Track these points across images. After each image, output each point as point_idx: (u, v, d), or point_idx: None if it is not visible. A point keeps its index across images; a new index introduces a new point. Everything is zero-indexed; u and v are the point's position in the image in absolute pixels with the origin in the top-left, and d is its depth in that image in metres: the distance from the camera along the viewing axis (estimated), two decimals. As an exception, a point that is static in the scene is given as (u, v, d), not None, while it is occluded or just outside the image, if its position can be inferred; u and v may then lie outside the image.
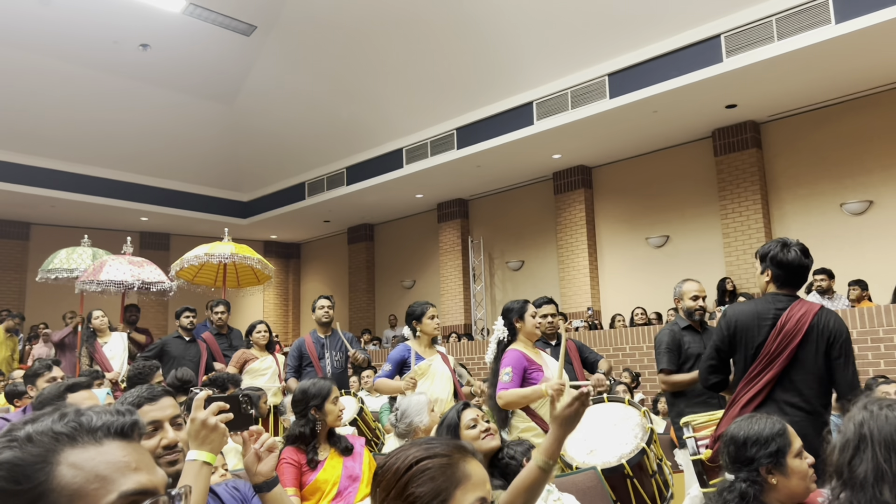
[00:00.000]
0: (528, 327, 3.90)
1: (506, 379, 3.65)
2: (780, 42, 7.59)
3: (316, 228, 15.89)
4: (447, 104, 10.73)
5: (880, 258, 8.71)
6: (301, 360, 5.74)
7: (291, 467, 3.08)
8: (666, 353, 4.13)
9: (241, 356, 6.13)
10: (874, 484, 1.34)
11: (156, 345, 6.61)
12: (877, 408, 1.43)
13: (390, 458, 1.25)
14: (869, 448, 1.37)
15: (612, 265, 11.55)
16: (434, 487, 1.16)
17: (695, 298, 4.26)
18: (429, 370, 4.39)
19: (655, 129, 10.03)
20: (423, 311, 4.49)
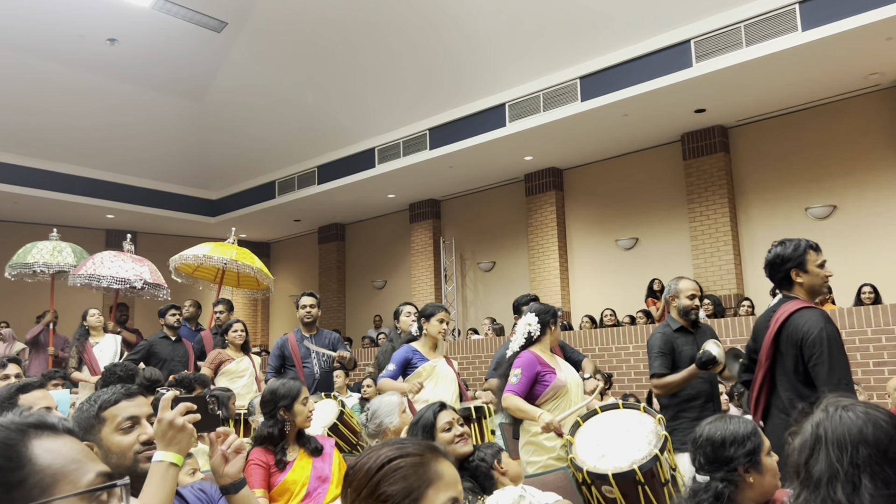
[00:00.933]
0: (557, 333, 3.90)
1: (513, 381, 3.62)
2: (749, 48, 7.71)
3: (286, 228, 15.76)
4: (420, 104, 10.72)
5: (843, 262, 8.89)
6: (284, 360, 5.51)
7: (259, 468, 3.04)
8: (658, 357, 4.01)
9: (216, 357, 5.85)
10: (827, 483, 1.36)
11: (142, 346, 6.37)
12: (833, 408, 1.45)
13: (361, 458, 1.23)
14: (823, 448, 1.40)
15: (582, 267, 11.64)
16: (406, 486, 1.15)
17: (692, 297, 4.12)
18: (433, 372, 4.33)
19: (626, 133, 10.13)
20: (433, 312, 4.43)
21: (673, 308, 4.18)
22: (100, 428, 1.77)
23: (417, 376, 4.25)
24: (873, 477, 1.33)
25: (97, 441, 1.75)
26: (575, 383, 3.79)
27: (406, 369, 4.31)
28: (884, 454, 1.34)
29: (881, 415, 1.41)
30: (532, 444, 3.62)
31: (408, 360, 4.34)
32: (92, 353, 6.43)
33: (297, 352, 5.48)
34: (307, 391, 3.30)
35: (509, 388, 3.61)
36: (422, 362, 4.33)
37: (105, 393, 1.85)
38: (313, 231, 15.95)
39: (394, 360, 4.35)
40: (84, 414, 1.79)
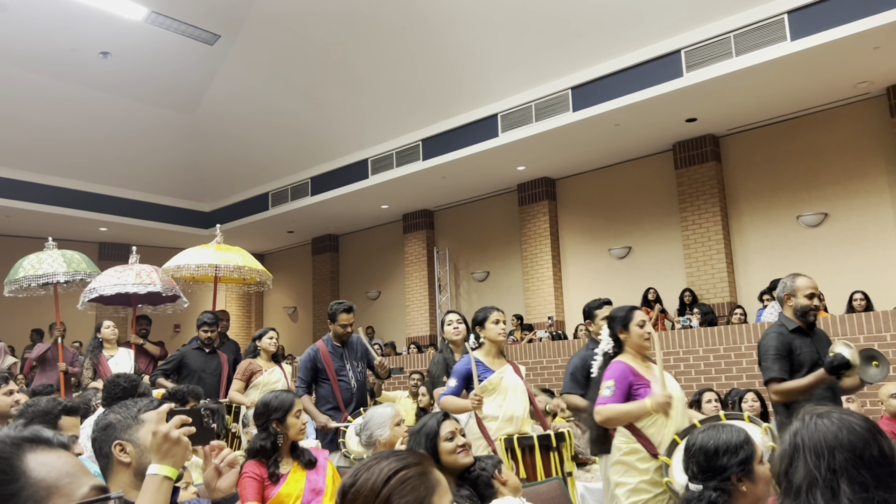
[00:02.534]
0: (634, 338, 3.42)
1: (606, 393, 3.22)
2: (739, 58, 7.77)
3: (279, 239, 15.74)
4: (413, 115, 10.75)
5: (835, 269, 8.94)
6: (316, 372, 5.04)
7: (253, 481, 3.03)
8: (777, 360, 3.65)
9: (246, 368, 5.58)
10: (807, 491, 1.38)
11: (173, 357, 6.18)
12: (809, 416, 1.47)
13: (359, 474, 1.22)
14: (801, 456, 1.42)
15: (575, 276, 11.65)
16: (416, 497, 1.15)
17: (810, 296, 3.74)
18: (500, 384, 3.86)
19: (618, 142, 10.18)
20: (486, 315, 4.00)
21: (787, 308, 3.82)
22: (137, 428, 1.78)
23: (482, 392, 3.81)
24: (851, 481, 1.34)
25: (133, 440, 1.77)
26: (678, 398, 3.29)
27: (470, 383, 3.88)
28: (860, 458, 1.35)
29: (855, 420, 1.42)
30: (622, 465, 3.25)
31: (468, 373, 3.89)
32: (107, 365, 6.17)
33: (331, 364, 5.03)
34: (300, 404, 3.28)
35: (602, 400, 3.21)
36: (486, 373, 3.88)
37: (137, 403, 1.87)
38: (307, 242, 15.94)
39: (454, 373, 3.91)
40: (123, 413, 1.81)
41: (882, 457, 1.36)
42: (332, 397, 4.97)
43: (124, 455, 1.74)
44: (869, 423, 1.42)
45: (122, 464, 1.75)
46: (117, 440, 1.76)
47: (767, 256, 9.69)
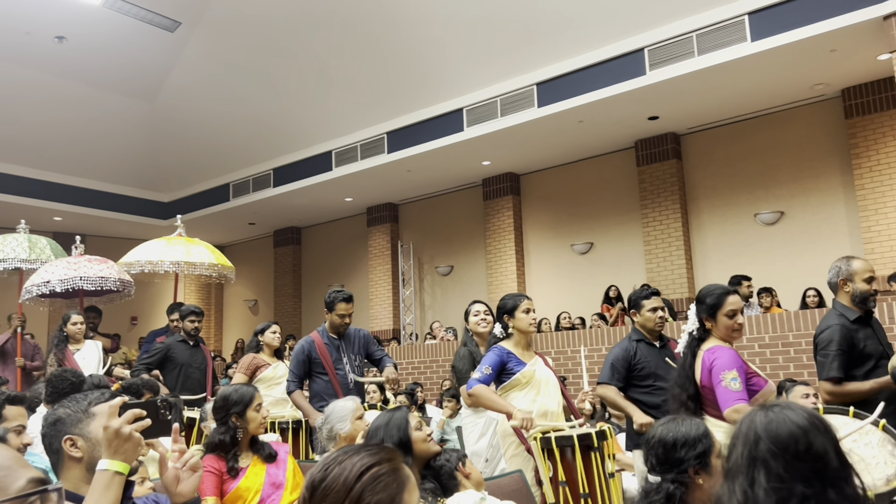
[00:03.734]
0: (721, 327, 3.05)
1: (736, 386, 2.84)
2: (700, 57, 7.89)
3: (240, 231, 15.52)
4: (378, 108, 10.68)
5: (789, 266, 9.15)
6: (310, 366, 4.66)
7: (211, 475, 2.99)
8: (838, 356, 3.30)
9: (251, 362, 5.34)
10: (733, 476, 1.44)
11: (158, 348, 5.90)
12: (758, 408, 1.51)
13: (329, 469, 1.18)
14: (737, 444, 1.48)
15: (538, 271, 11.73)
16: (389, 494, 1.13)
17: (869, 280, 3.40)
18: (533, 377, 3.66)
19: (581, 139, 10.26)
20: (515, 303, 3.76)
21: (843, 295, 3.46)
22: (88, 422, 1.73)
23: (516, 385, 3.60)
24: (768, 472, 1.39)
25: (84, 435, 1.71)
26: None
27: (501, 374, 3.66)
28: (783, 450, 1.39)
29: (792, 414, 1.45)
30: None
31: (503, 364, 3.66)
32: (73, 359, 5.83)
33: (327, 356, 4.66)
34: (261, 397, 3.24)
35: (737, 397, 2.83)
36: (518, 366, 3.66)
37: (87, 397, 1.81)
38: (268, 234, 15.75)
39: (487, 361, 3.64)
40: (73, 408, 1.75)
41: (807, 452, 1.38)
42: (329, 392, 4.52)
43: (75, 450, 1.69)
44: (810, 420, 1.44)
45: (74, 459, 1.70)
46: (67, 435, 1.70)
47: (725, 253, 9.88)
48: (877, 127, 8.59)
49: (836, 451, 1.41)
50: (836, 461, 1.39)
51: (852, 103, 8.80)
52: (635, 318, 3.96)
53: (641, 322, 3.92)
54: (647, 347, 3.87)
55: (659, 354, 3.86)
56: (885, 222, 8.44)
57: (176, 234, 7.31)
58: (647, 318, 3.89)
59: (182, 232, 7.31)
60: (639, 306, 3.95)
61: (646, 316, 3.89)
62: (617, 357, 3.85)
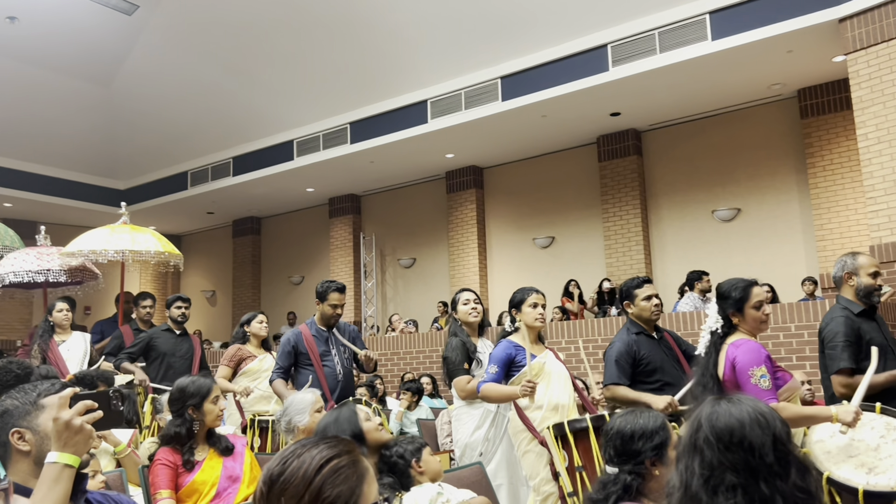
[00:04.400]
0: (749, 320, 2.97)
1: (765, 384, 2.77)
2: (662, 55, 7.99)
3: (199, 220, 15.25)
4: (341, 97, 10.58)
5: (745, 262, 9.34)
6: (296, 357, 4.56)
7: (166, 468, 2.94)
8: (846, 347, 3.28)
9: (235, 353, 5.16)
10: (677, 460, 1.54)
11: (141, 338, 5.69)
12: (710, 399, 1.59)
13: (288, 462, 1.16)
14: (685, 433, 1.56)
15: (500, 264, 11.79)
16: (349, 486, 1.12)
17: (874, 275, 3.42)
18: (542, 370, 3.60)
19: (544, 133, 10.32)
20: (522, 297, 3.70)
21: (848, 289, 3.49)
22: (37, 414, 1.68)
23: (524, 378, 3.50)
24: (703, 459, 1.46)
25: (32, 427, 1.66)
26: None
27: (510, 369, 3.60)
28: (718, 440, 1.46)
29: (736, 408, 1.51)
30: None
31: (511, 359, 3.61)
32: (58, 351, 5.58)
33: (314, 348, 4.56)
34: (219, 389, 3.19)
35: (767, 397, 2.71)
36: (527, 359, 3.58)
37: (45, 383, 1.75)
38: (227, 224, 15.52)
39: (493, 359, 3.62)
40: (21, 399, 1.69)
41: (740, 444, 1.44)
42: (315, 386, 4.39)
43: (23, 443, 1.64)
44: (752, 414, 1.49)
45: (21, 452, 1.64)
46: (15, 427, 1.65)
47: (683, 248, 10.05)
48: (831, 127, 8.81)
49: (776, 446, 1.45)
50: (772, 456, 1.43)
51: (808, 104, 9.01)
52: (629, 310, 3.81)
53: (637, 313, 3.77)
54: (647, 340, 3.72)
55: (660, 347, 3.73)
56: (837, 220, 8.67)
57: (120, 223, 7.11)
58: (642, 308, 3.75)
59: (127, 220, 7.12)
60: (632, 296, 3.81)
61: (641, 306, 3.76)
62: (620, 353, 3.65)
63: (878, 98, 6.65)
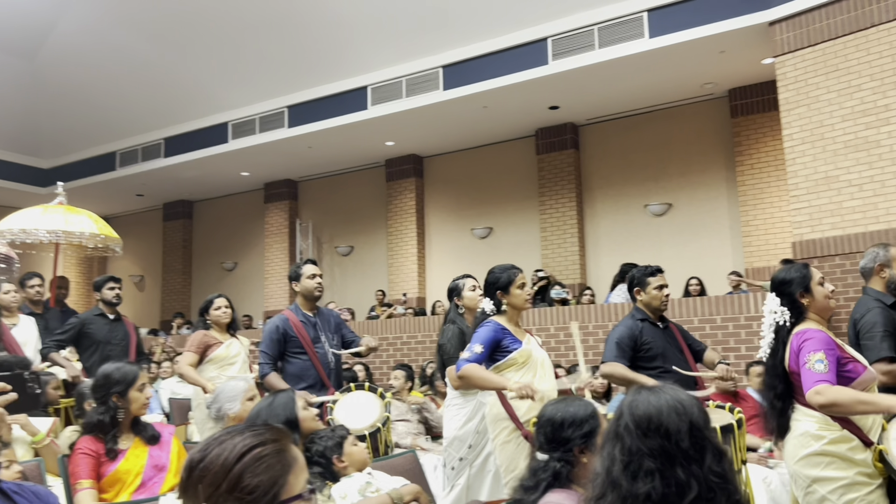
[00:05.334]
0: (820, 299, 2.83)
1: (821, 368, 2.59)
2: (601, 50, 8.12)
3: (127, 202, 14.73)
4: (279, 80, 10.36)
5: (675, 256, 9.62)
6: (285, 345, 4.26)
7: (88, 458, 2.84)
8: (885, 338, 3.25)
9: (201, 340, 4.83)
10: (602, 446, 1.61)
11: (71, 324, 5.32)
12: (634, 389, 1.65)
13: (209, 449, 1.13)
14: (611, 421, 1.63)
15: (438, 253, 11.81)
16: (271, 475, 1.09)
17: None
18: (530, 357, 3.43)
19: (485, 125, 10.36)
20: (510, 278, 3.51)
21: (878, 280, 3.47)
22: None
23: (511, 365, 3.36)
24: (623, 446, 1.52)
25: None
26: None
27: (494, 352, 3.40)
28: (636, 426, 1.52)
29: (655, 396, 1.56)
30: (829, 456, 2.62)
31: (498, 342, 3.39)
32: (11, 335, 5.13)
33: (304, 333, 4.27)
34: (145, 376, 3.09)
35: (818, 378, 2.57)
36: (515, 344, 3.41)
37: None
38: (158, 207, 15.05)
39: (480, 339, 3.35)
40: None
41: (657, 431, 1.49)
42: (309, 374, 4.20)
43: None
44: (670, 402, 1.54)
45: None
46: None
47: (616, 242, 10.27)
48: (759, 127, 9.13)
49: (693, 432, 1.50)
50: (688, 442, 1.48)
51: (738, 103, 9.31)
52: (639, 297, 3.75)
53: (647, 301, 3.73)
54: (651, 328, 3.69)
55: (664, 335, 3.70)
56: (762, 217, 9.01)
57: (56, 203, 6.77)
58: (652, 297, 3.70)
59: (63, 200, 6.77)
60: (644, 283, 3.75)
61: (652, 294, 3.71)
62: (622, 336, 3.62)
63: (804, 100, 6.93)
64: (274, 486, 1.08)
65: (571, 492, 2.04)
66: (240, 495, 1.07)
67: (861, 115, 6.57)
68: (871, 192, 6.48)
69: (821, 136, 6.79)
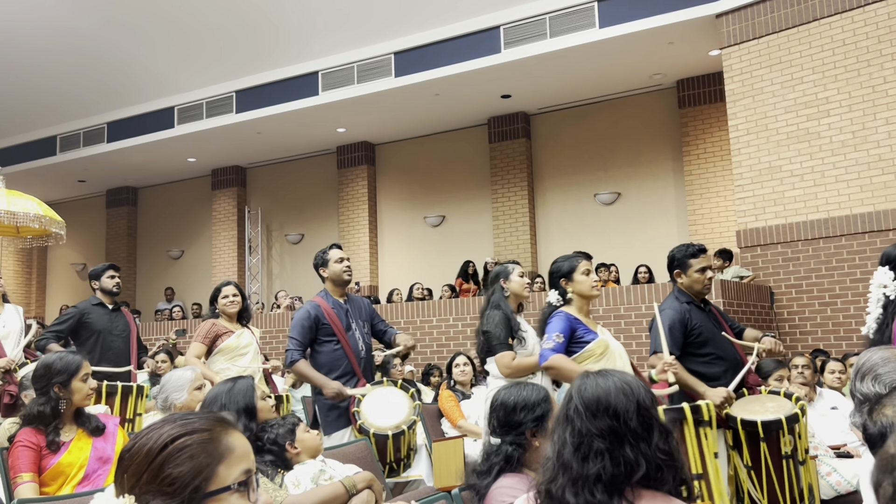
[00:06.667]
0: None
1: None
2: (552, 39, 8.18)
3: (68, 188, 14.26)
4: (227, 64, 10.14)
5: (625, 244, 9.79)
6: (316, 332, 4.02)
7: (28, 450, 2.73)
8: None
9: (209, 329, 4.53)
10: (554, 430, 1.63)
11: (69, 314, 5.04)
12: (583, 374, 1.68)
13: (139, 438, 1.11)
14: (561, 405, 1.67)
15: (391, 242, 11.77)
16: (195, 466, 1.06)
17: None
18: (608, 348, 3.27)
19: (437, 112, 10.34)
20: (573, 265, 3.32)
21: None
22: None
23: (589, 357, 3.20)
24: (573, 428, 1.55)
25: None
26: None
27: (569, 345, 3.24)
28: (586, 408, 1.56)
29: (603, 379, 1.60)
30: None
31: (572, 331, 3.25)
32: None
33: (336, 320, 4.04)
34: (89, 366, 2.99)
35: None
36: (589, 335, 3.25)
37: None
38: (101, 193, 14.60)
39: (557, 328, 3.20)
40: None
41: (605, 412, 1.54)
42: (341, 363, 3.99)
43: None
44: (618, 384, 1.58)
45: None
46: None
47: (566, 230, 10.40)
48: (706, 118, 9.34)
49: (640, 412, 1.54)
50: (636, 421, 1.52)
51: (685, 94, 9.50)
52: (679, 280, 3.53)
53: (688, 284, 3.49)
54: (698, 311, 3.46)
55: (710, 320, 3.49)
56: (707, 206, 9.23)
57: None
58: (695, 280, 3.46)
59: (2, 184, 6.49)
60: (685, 266, 3.50)
61: (694, 277, 3.46)
62: (673, 321, 3.35)
63: (749, 92, 7.10)
64: (197, 477, 1.06)
65: (523, 475, 2.06)
66: (160, 486, 1.06)
67: (803, 106, 6.77)
68: (812, 182, 6.70)
69: (765, 128, 6.98)
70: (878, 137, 6.46)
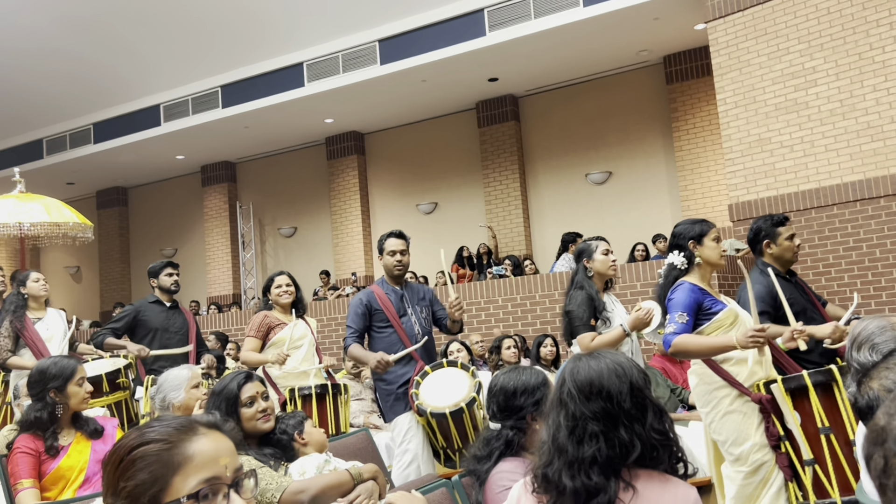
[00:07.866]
0: None
1: None
2: (537, 20, 8.13)
3: (58, 191, 14.07)
4: (211, 59, 10.06)
5: (618, 223, 9.79)
6: (370, 318, 4.01)
7: (28, 457, 2.73)
8: None
9: (262, 321, 4.42)
10: (548, 414, 1.64)
11: (126, 312, 5.04)
12: (574, 356, 1.69)
13: (124, 440, 1.10)
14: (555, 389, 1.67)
15: (384, 231, 11.67)
16: (148, 478, 1.03)
17: None
18: (738, 319, 3.07)
19: (425, 99, 10.29)
20: (703, 230, 3.18)
21: None
22: None
23: (718, 329, 3.03)
24: (567, 411, 1.56)
25: None
26: None
27: (696, 317, 3.07)
28: (579, 391, 1.56)
29: (595, 361, 1.61)
30: None
31: (699, 304, 3.05)
32: (34, 330, 4.78)
33: (390, 306, 4.01)
34: (84, 370, 2.98)
35: None
36: (717, 305, 3.07)
37: None
38: (90, 195, 14.52)
39: (680, 306, 3.03)
40: None
41: (599, 394, 1.54)
42: (395, 349, 3.93)
43: None
44: (610, 366, 1.58)
45: None
46: None
47: (559, 211, 10.39)
48: (694, 93, 9.31)
49: (633, 393, 1.54)
50: (629, 402, 1.52)
51: (673, 70, 9.47)
52: (769, 250, 3.48)
53: (778, 253, 3.47)
54: (786, 283, 3.38)
55: (798, 290, 3.45)
56: (699, 181, 9.23)
57: (17, 192, 6.35)
58: (785, 248, 3.46)
59: (23, 188, 6.36)
60: (774, 235, 3.47)
61: (784, 245, 3.46)
62: (762, 295, 3.23)
63: (736, 65, 7.07)
64: (153, 487, 1.03)
65: (523, 459, 2.06)
66: (120, 494, 1.05)
67: (790, 77, 6.75)
68: (802, 152, 6.69)
69: (753, 100, 6.95)
70: (866, 105, 6.44)
